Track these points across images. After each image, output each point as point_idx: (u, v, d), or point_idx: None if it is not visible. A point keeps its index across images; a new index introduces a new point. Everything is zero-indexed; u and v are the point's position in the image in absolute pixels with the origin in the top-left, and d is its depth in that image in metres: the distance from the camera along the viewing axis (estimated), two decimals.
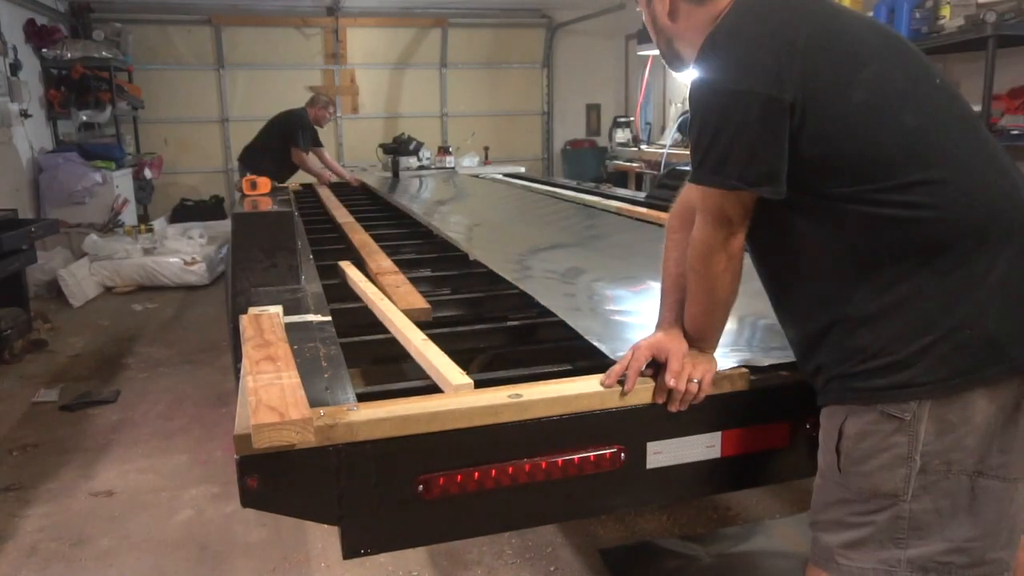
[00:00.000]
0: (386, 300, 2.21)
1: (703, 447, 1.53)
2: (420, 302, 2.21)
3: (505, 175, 6.63)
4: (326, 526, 2.45)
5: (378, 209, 4.70)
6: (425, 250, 3.31)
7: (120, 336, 5.17)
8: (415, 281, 2.48)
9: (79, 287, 6.03)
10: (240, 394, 1.45)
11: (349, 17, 9.02)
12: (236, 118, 8.74)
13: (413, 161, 7.38)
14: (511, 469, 1.41)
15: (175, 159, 8.68)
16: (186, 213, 8.41)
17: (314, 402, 1.37)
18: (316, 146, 6.45)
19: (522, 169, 7.80)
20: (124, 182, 7.27)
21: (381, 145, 7.52)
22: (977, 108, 4.07)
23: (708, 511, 2.74)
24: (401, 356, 2.00)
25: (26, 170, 6.58)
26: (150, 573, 2.50)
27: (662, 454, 1.51)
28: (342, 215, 3.99)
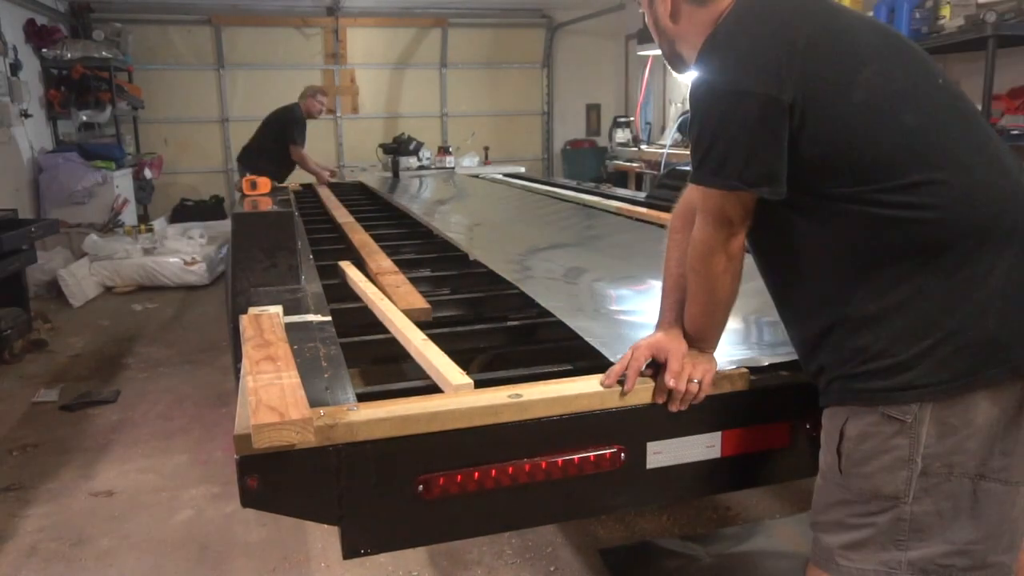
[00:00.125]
0: (386, 300, 2.21)
1: (703, 447, 1.53)
2: (420, 302, 2.21)
3: (505, 175, 6.63)
4: (326, 526, 2.46)
5: (378, 209, 4.70)
6: (425, 250, 3.31)
7: (120, 336, 5.17)
8: (415, 281, 2.48)
9: (79, 287, 6.03)
10: (240, 394, 1.45)
11: (349, 17, 9.02)
12: (236, 118, 8.74)
13: (413, 161, 7.38)
14: (511, 469, 1.41)
15: (175, 159, 8.68)
16: (186, 213, 8.41)
17: (314, 402, 1.37)
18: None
19: (522, 169, 7.81)
20: (124, 182, 7.27)
21: (381, 145, 7.53)
22: (977, 108, 4.07)
23: (708, 511, 2.74)
24: (401, 356, 2.00)
25: (26, 170, 6.58)
26: (150, 573, 2.51)
27: (662, 454, 1.51)
28: (342, 215, 3.99)
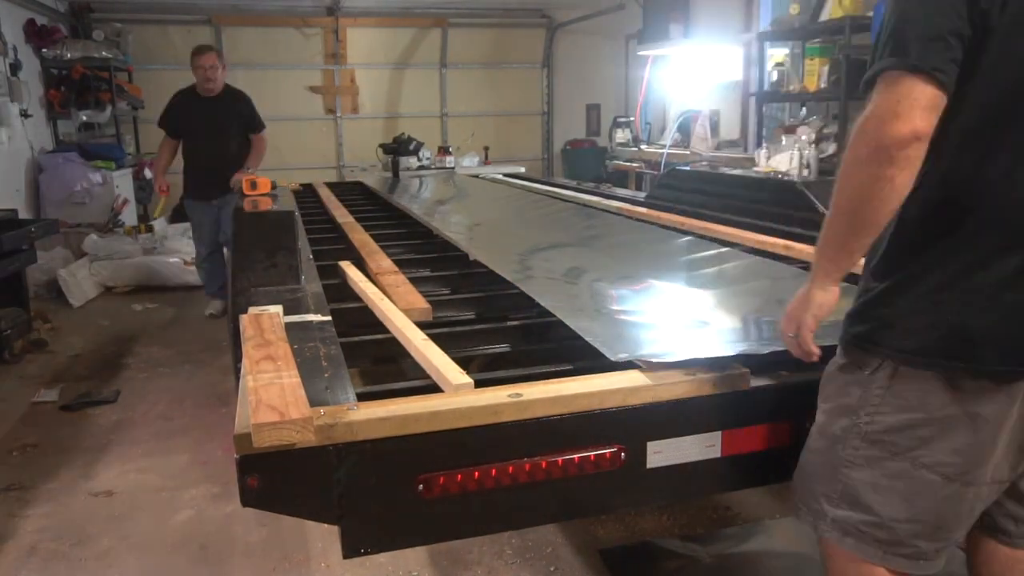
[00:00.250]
0: (386, 300, 2.21)
1: (703, 447, 1.54)
2: (420, 302, 2.21)
3: (505, 175, 6.63)
4: (326, 526, 2.46)
5: (378, 209, 4.70)
6: (425, 250, 3.31)
7: (120, 336, 5.17)
8: (415, 281, 2.48)
9: (79, 287, 6.03)
10: (240, 394, 1.45)
11: (349, 17, 9.02)
12: None
13: (413, 161, 7.37)
14: (511, 469, 1.41)
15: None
16: (186, 213, 8.38)
17: (314, 401, 1.37)
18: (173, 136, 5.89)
19: (522, 169, 7.80)
20: (124, 182, 7.26)
21: (381, 145, 7.52)
22: None
23: (708, 511, 2.74)
24: (401, 356, 2.00)
25: (26, 170, 6.58)
26: (150, 573, 2.50)
27: (662, 454, 1.51)
28: (342, 215, 3.99)
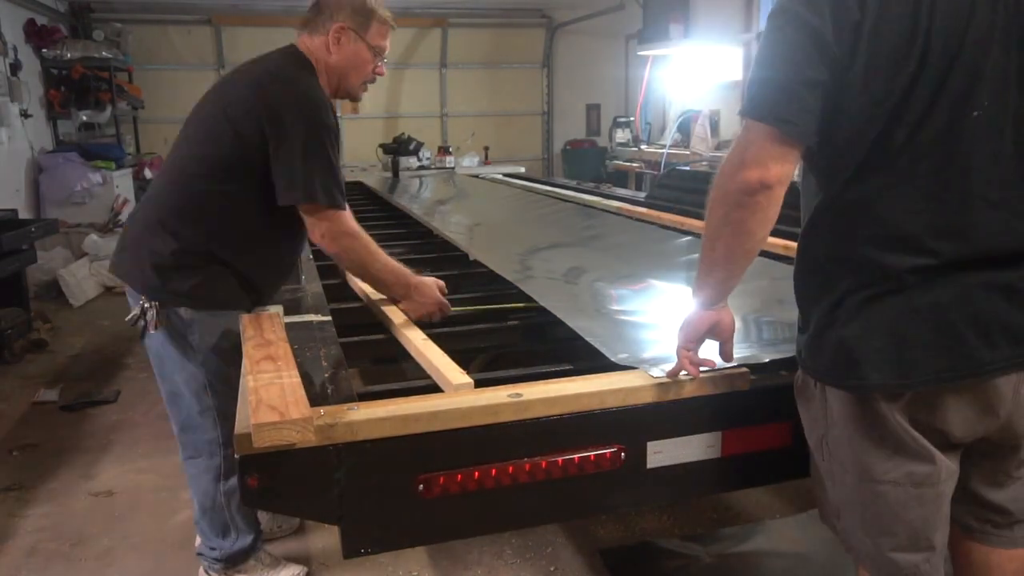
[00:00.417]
0: (386, 300, 2.21)
1: (703, 447, 1.54)
2: None
3: (505, 175, 6.62)
4: (326, 526, 2.46)
5: (378, 209, 4.70)
6: (425, 250, 3.31)
7: (120, 336, 5.16)
8: None
9: (79, 287, 6.03)
10: (240, 393, 1.45)
11: None
12: None
13: (413, 161, 7.37)
14: (511, 469, 1.41)
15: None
16: None
17: (314, 401, 1.37)
18: None
19: (522, 169, 7.79)
20: (124, 182, 7.25)
21: (381, 145, 7.51)
22: None
23: (708, 511, 2.74)
24: (401, 356, 2.00)
25: (26, 170, 6.58)
26: (150, 573, 2.50)
27: (662, 454, 1.51)
28: None
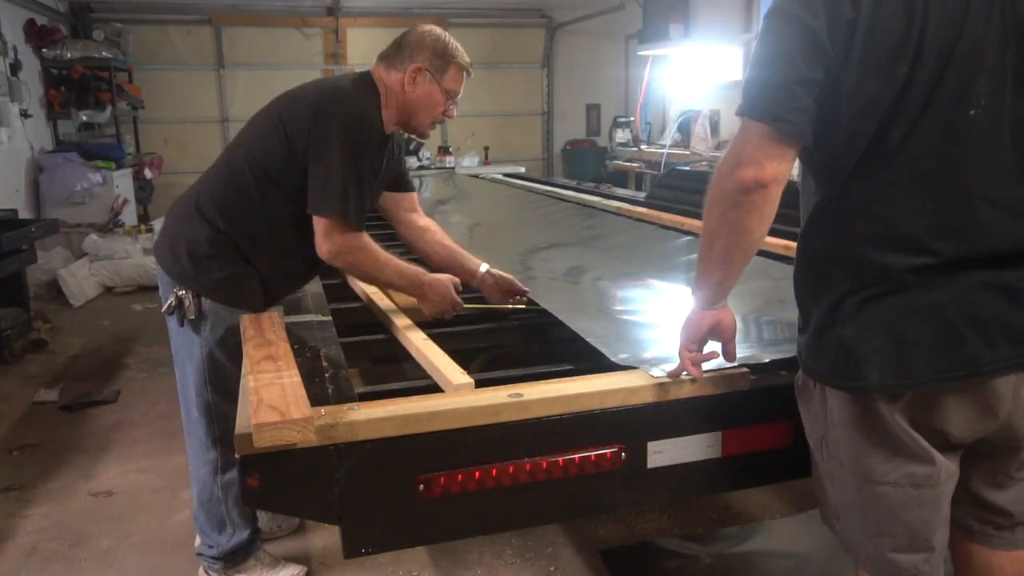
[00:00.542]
0: (386, 300, 2.21)
1: (703, 447, 1.54)
2: None
3: (505, 175, 6.62)
4: (326, 526, 2.46)
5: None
6: None
7: (120, 336, 5.16)
8: None
9: (79, 287, 6.03)
10: (241, 393, 1.45)
11: (349, 17, 9.02)
12: (236, 118, 8.72)
13: (413, 161, 7.38)
14: (512, 469, 1.41)
15: (175, 159, 8.67)
16: None
17: (315, 401, 1.37)
18: None
19: (522, 169, 7.80)
20: (124, 182, 7.26)
21: None
22: None
23: (708, 511, 2.73)
24: (401, 356, 2.00)
25: (26, 170, 6.58)
26: (150, 573, 2.50)
27: (662, 454, 1.51)
28: None
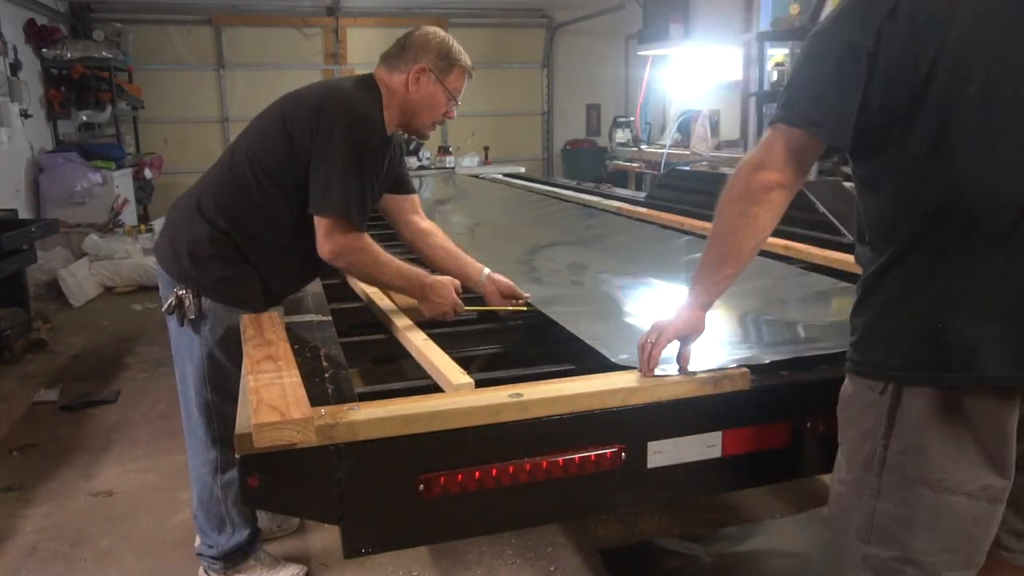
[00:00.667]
0: (386, 300, 2.21)
1: (703, 447, 1.53)
2: None
3: (505, 175, 6.63)
4: (326, 526, 2.46)
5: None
6: None
7: (120, 336, 5.16)
8: None
9: (79, 287, 6.03)
10: (241, 393, 1.45)
11: (349, 17, 9.02)
12: (236, 118, 8.72)
13: (413, 161, 7.39)
14: (512, 469, 1.41)
15: (175, 159, 8.67)
16: None
17: (315, 401, 1.37)
18: None
19: (522, 169, 7.80)
20: (124, 182, 7.26)
21: None
22: None
23: (708, 511, 2.73)
24: (401, 356, 2.00)
25: (26, 170, 6.58)
26: (150, 573, 2.50)
27: (662, 454, 1.51)
28: None
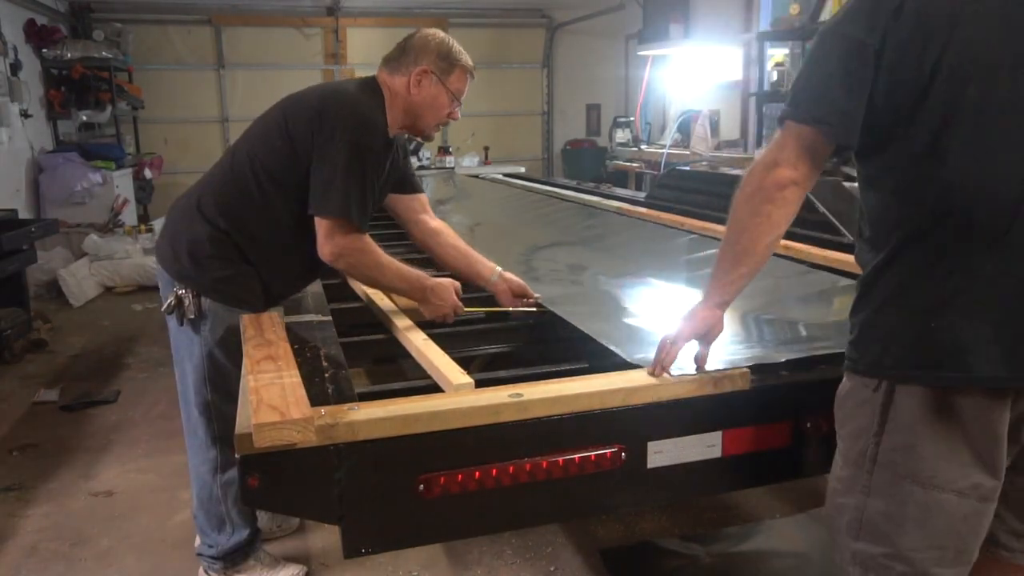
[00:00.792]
0: (386, 300, 2.21)
1: (703, 447, 1.53)
2: None
3: (505, 175, 6.63)
4: (326, 526, 2.46)
5: (378, 208, 4.69)
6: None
7: (120, 336, 5.16)
8: None
9: (79, 287, 6.03)
10: (241, 393, 1.45)
11: (349, 17, 9.02)
12: (236, 118, 8.72)
13: (413, 161, 7.38)
14: (512, 469, 1.41)
15: (175, 159, 8.67)
16: None
17: (315, 401, 1.37)
18: None
19: (522, 169, 7.80)
20: (124, 182, 7.26)
21: None
22: None
23: (708, 511, 2.73)
24: (401, 356, 2.00)
25: (26, 170, 6.58)
26: (150, 573, 2.50)
27: (662, 454, 1.51)
28: None
